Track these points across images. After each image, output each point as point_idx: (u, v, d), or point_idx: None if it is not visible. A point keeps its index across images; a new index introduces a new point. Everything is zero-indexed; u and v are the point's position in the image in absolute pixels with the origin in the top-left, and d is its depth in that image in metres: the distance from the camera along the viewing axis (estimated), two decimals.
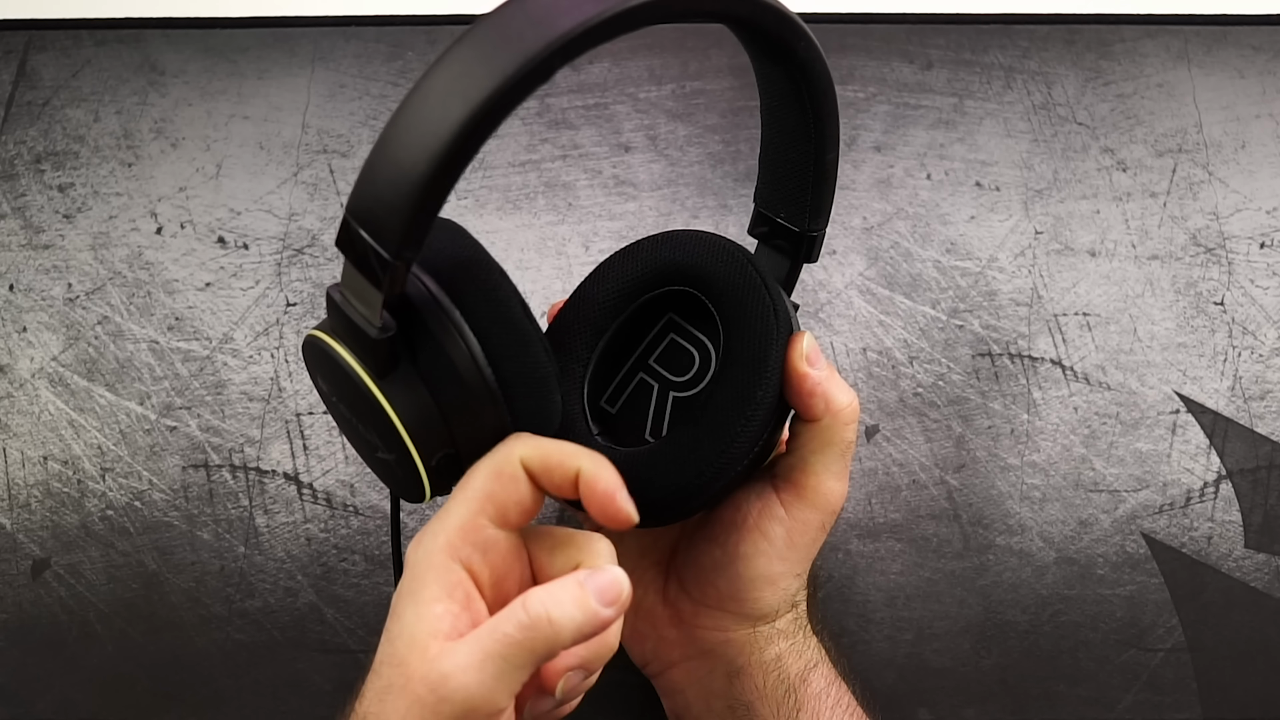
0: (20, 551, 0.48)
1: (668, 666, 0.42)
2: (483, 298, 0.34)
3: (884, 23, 0.56)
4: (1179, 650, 0.48)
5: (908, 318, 0.51)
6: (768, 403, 0.36)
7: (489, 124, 0.28)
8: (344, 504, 0.48)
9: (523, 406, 0.34)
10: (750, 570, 0.39)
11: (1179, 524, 0.49)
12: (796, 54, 0.34)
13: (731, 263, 0.38)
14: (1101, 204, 0.53)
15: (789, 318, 0.37)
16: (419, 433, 0.33)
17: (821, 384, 0.36)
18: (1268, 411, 0.51)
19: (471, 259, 0.35)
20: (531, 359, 0.34)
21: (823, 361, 0.37)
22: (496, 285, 0.34)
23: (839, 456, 0.38)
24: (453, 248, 0.35)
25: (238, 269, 0.52)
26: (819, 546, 0.39)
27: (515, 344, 0.34)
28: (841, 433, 0.37)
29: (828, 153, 0.37)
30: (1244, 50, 0.56)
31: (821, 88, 0.35)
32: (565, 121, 0.54)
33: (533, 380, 0.34)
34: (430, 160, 0.28)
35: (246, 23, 0.56)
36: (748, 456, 0.36)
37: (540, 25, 0.27)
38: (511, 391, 0.34)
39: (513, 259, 0.52)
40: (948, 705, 0.47)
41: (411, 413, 0.33)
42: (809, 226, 0.38)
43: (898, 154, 0.54)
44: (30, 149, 0.53)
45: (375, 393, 0.33)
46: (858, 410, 0.38)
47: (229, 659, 0.47)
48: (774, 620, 0.40)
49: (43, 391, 0.50)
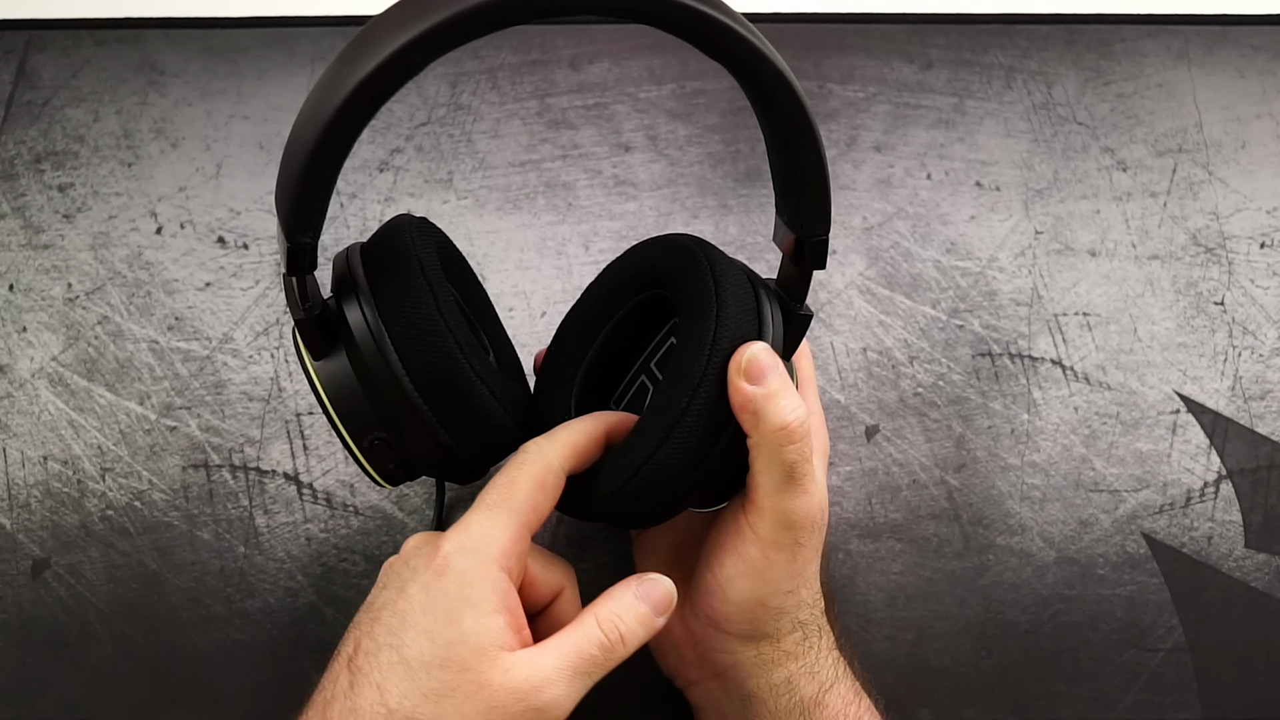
0: (20, 551, 0.48)
1: (689, 684, 0.42)
2: (395, 288, 0.36)
3: (884, 23, 0.56)
4: (1179, 650, 0.48)
5: (908, 318, 0.51)
6: (695, 410, 0.35)
7: (352, 121, 0.30)
8: (344, 504, 0.48)
9: (426, 381, 0.35)
10: (736, 593, 0.38)
11: (1179, 524, 0.49)
12: (732, 54, 0.31)
13: (690, 269, 0.38)
14: (1102, 204, 0.53)
15: (736, 326, 0.36)
16: (347, 413, 0.36)
17: (753, 401, 0.35)
18: (1268, 411, 0.50)
19: (398, 249, 0.37)
20: (432, 344, 0.35)
21: (771, 377, 0.35)
22: (410, 275, 0.36)
23: (785, 476, 0.36)
24: (391, 241, 0.38)
25: (238, 269, 0.52)
26: (810, 564, 0.38)
27: (418, 334, 0.35)
28: (779, 453, 0.35)
29: (807, 156, 0.34)
30: (1244, 50, 0.56)
31: (771, 89, 0.32)
32: (565, 121, 0.54)
33: (436, 360, 0.35)
34: (305, 154, 0.31)
35: (246, 23, 0.56)
36: (680, 463, 0.35)
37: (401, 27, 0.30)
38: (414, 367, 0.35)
39: (513, 259, 0.52)
40: (948, 705, 0.47)
41: (340, 395, 0.36)
42: (804, 231, 0.36)
43: (898, 154, 0.54)
44: (30, 149, 0.53)
45: (309, 367, 0.36)
46: (802, 432, 0.36)
47: (229, 659, 0.47)
48: (778, 640, 0.39)
49: (43, 391, 0.50)
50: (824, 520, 0.38)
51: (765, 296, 0.38)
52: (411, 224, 0.39)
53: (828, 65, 0.55)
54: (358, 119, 0.31)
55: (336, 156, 0.32)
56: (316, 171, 0.32)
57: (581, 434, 0.36)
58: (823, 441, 0.41)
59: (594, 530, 0.48)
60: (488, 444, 0.37)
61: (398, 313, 0.36)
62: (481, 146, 0.54)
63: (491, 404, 0.36)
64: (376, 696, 0.33)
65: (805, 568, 0.38)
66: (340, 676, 0.34)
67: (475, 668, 0.33)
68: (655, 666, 0.46)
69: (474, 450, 0.37)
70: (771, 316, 0.37)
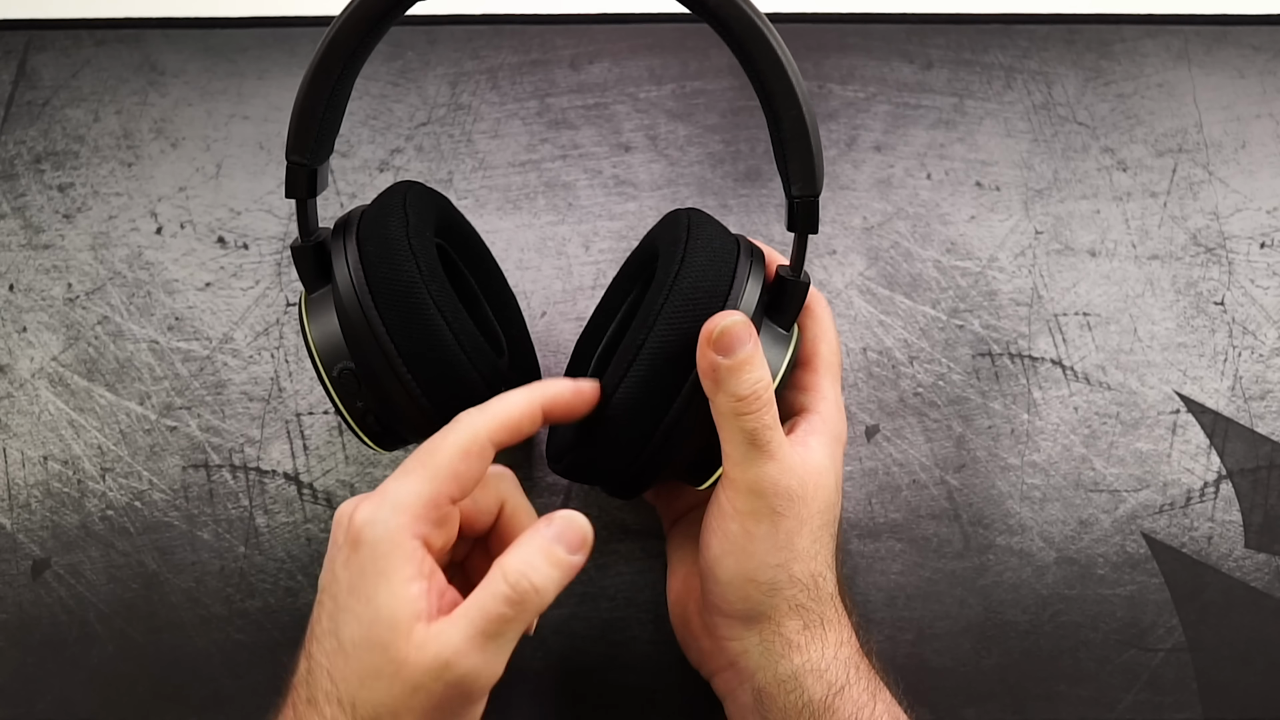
0: (20, 551, 0.48)
1: (711, 674, 0.42)
2: (372, 230, 0.38)
3: (884, 23, 0.56)
4: (1179, 650, 0.48)
5: (908, 318, 0.51)
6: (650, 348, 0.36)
7: (347, 40, 0.35)
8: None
9: (394, 318, 0.36)
10: (724, 571, 0.38)
11: (1179, 524, 0.49)
12: (704, 4, 0.33)
13: (670, 229, 0.39)
14: (1101, 204, 0.53)
15: (700, 272, 0.36)
16: (324, 343, 0.38)
17: (717, 369, 0.35)
18: (1268, 411, 0.50)
19: (385, 202, 0.39)
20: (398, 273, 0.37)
21: (740, 350, 0.35)
22: (387, 217, 0.38)
23: (749, 444, 0.36)
24: (389, 195, 0.40)
25: (238, 269, 0.52)
26: (797, 536, 0.37)
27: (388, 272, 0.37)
28: (738, 422, 0.36)
29: (787, 110, 0.35)
30: (1244, 50, 0.56)
31: (743, 39, 0.34)
32: (565, 121, 0.54)
33: (400, 293, 0.37)
34: (306, 75, 0.36)
35: (246, 23, 0.56)
36: (634, 401, 0.36)
37: None
38: (382, 305, 0.36)
39: (513, 259, 0.52)
40: (948, 705, 0.47)
41: (320, 326, 0.38)
42: (791, 192, 0.36)
43: (898, 154, 0.54)
44: (30, 149, 0.53)
45: (302, 299, 0.39)
46: (760, 401, 0.36)
47: (229, 659, 0.47)
48: (777, 624, 0.38)
49: (43, 391, 0.50)
50: (817, 494, 0.38)
51: (748, 259, 0.38)
52: (411, 186, 0.41)
53: (828, 65, 0.55)
54: (354, 39, 0.35)
55: (333, 76, 0.35)
56: (315, 90, 0.35)
57: (514, 406, 0.35)
58: (840, 429, 0.41)
59: (594, 530, 0.48)
60: (453, 393, 0.37)
61: (371, 242, 0.37)
62: (481, 146, 0.54)
63: (451, 343, 0.37)
64: (328, 684, 0.33)
65: (791, 539, 0.37)
66: (301, 662, 0.34)
67: (393, 645, 0.32)
68: (655, 666, 0.46)
69: (439, 396, 0.37)
70: (749, 276, 0.37)
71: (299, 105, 0.36)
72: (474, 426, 0.34)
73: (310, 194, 0.37)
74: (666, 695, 0.46)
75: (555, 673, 0.47)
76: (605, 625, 0.47)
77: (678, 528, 0.44)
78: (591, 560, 0.48)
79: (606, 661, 0.47)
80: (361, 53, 0.36)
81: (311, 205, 0.38)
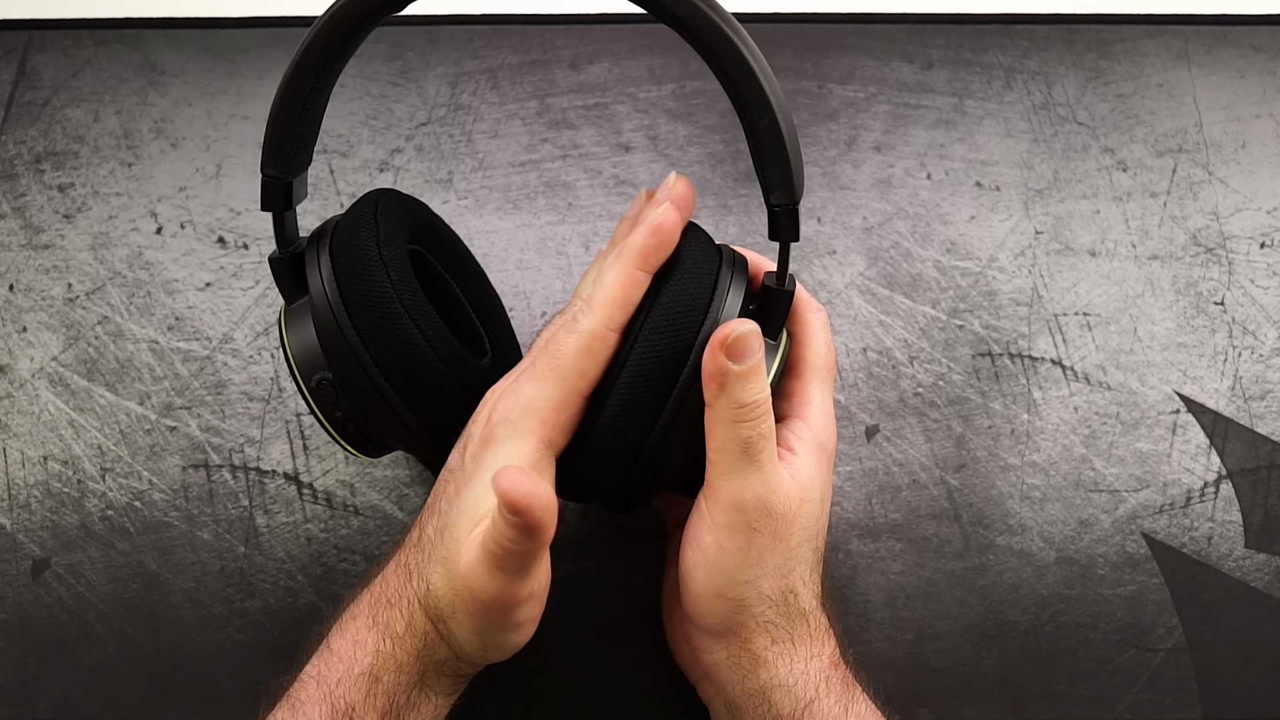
0: (20, 551, 0.48)
1: (695, 681, 0.42)
2: (344, 240, 0.38)
3: (884, 23, 0.56)
4: (1179, 650, 0.48)
5: (908, 318, 0.51)
6: (635, 357, 0.36)
7: (319, 54, 0.35)
8: (344, 504, 0.48)
9: (368, 329, 0.37)
10: (695, 583, 0.37)
11: (1179, 524, 0.49)
12: (672, 12, 0.32)
13: None
14: (1101, 204, 0.53)
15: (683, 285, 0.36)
16: (302, 354, 0.38)
17: (724, 373, 0.35)
18: (1268, 411, 0.50)
19: (357, 211, 0.39)
20: (370, 285, 0.37)
21: (749, 359, 0.35)
22: (359, 228, 0.38)
23: (740, 453, 0.35)
24: (359, 205, 0.39)
25: (238, 269, 0.52)
26: (770, 554, 0.36)
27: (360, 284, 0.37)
28: (735, 429, 0.35)
29: (761, 118, 0.34)
30: (1244, 50, 0.56)
31: (712, 46, 0.33)
32: (565, 121, 0.54)
33: (374, 304, 0.37)
34: (277, 98, 0.36)
35: (246, 23, 0.56)
36: (616, 443, 0.36)
37: None
38: (356, 316, 0.37)
39: (513, 259, 0.52)
40: (948, 705, 0.47)
41: (298, 337, 0.38)
42: (770, 201, 0.36)
43: (898, 154, 0.54)
44: (30, 149, 0.53)
45: (281, 311, 0.38)
46: (761, 411, 0.35)
47: (229, 659, 0.47)
48: (745, 641, 0.37)
49: (43, 391, 0.50)
50: (801, 510, 0.37)
51: (729, 271, 0.37)
52: (384, 194, 0.40)
53: (828, 65, 0.55)
54: (326, 51, 0.35)
55: (304, 90, 0.35)
56: (287, 103, 0.35)
57: (612, 285, 0.36)
58: (826, 436, 0.40)
59: (594, 530, 0.48)
60: (430, 400, 0.37)
61: (343, 253, 0.37)
62: (481, 146, 0.54)
63: (426, 351, 0.37)
64: (424, 559, 0.36)
65: (763, 556, 0.36)
66: (414, 529, 0.37)
67: (457, 543, 0.35)
68: (655, 666, 0.46)
69: (417, 404, 0.37)
70: (729, 290, 0.37)
71: (272, 118, 0.36)
72: (589, 326, 0.36)
73: (287, 206, 0.37)
74: (666, 695, 0.46)
75: (555, 673, 0.47)
76: (605, 625, 0.47)
77: (679, 530, 0.44)
78: (592, 560, 0.48)
79: (606, 661, 0.47)
80: (335, 64, 0.36)
81: (290, 217, 0.38)
